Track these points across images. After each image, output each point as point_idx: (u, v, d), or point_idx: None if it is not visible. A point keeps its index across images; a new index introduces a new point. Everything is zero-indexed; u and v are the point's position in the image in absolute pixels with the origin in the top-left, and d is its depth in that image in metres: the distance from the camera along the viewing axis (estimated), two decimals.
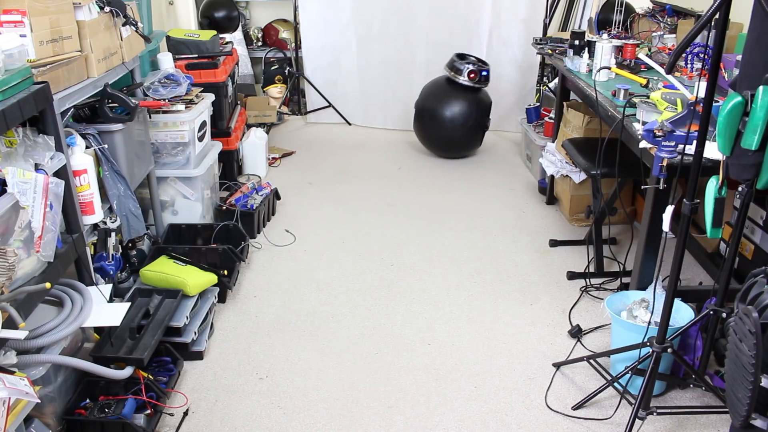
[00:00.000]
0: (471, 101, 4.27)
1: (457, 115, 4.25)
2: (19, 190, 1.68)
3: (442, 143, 4.42)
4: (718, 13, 1.56)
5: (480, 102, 4.33)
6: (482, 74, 4.30)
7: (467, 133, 4.31)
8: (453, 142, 4.37)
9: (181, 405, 2.15)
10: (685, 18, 3.42)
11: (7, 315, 1.54)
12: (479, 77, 4.28)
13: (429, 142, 4.46)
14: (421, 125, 4.41)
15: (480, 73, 4.27)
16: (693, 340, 2.14)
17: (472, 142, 4.41)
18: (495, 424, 2.09)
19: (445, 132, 4.31)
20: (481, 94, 4.37)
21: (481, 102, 4.34)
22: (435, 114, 4.29)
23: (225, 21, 4.62)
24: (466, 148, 4.44)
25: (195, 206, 3.14)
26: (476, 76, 4.26)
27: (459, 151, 4.46)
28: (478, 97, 4.33)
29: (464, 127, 4.27)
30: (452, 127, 4.27)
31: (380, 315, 2.68)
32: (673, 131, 1.93)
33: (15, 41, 1.81)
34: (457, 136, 4.30)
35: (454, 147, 4.41)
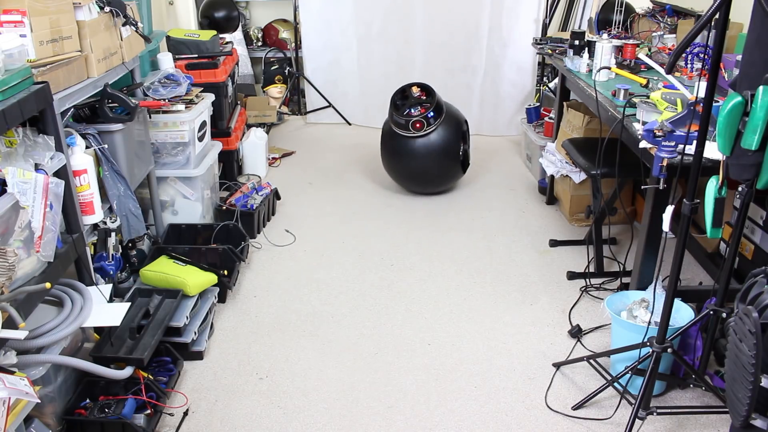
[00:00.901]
0: (432, 141, 3.62)
1: (421, 160, 3.64)
2: (19, 190, 1.68)
3: (414, 180, 3.80)
4: (718, 13, 1.56)
5: (445, 133, 3.65)
6: (430, 116, 3.60)
7: (442, 167, 3.70)
8: (428, 178, 3.76)
9: (181, 405, 2.15)
10: (685, 18, 3.42)
11: (7, 315, 1.54)
12: (428, 121, 3.61)
13: (401, 178, 3.85)
14: (389, 162, 3.81)
15: (428, 118, 3.59)
16: (693, 340, 2.14)
17: (450, 175, 3.78)
18: (495, 424, 2.09)
19: (416, 170, 3.71)
20: (444, 124, 3.66)
21: (448, 131, 3.66)
22: (399, 159, 3.72)
23: (225, 21, 4.62)
24: (444, 182, 3.81)
25: (195, 206, 3.14)
26: (423, 125, 3.59)
27: (437, 186, 3.83)
28: (441, 130, 3.64)
29: (436, 163, 3.66)
30: (423, 165, 3.67)
31: (380, 315, 2.68)
32: (673, 131, 1.93)
33: (15, 41, 1.81)
34: (432, 172, 3.71)
35: (430, 183, 3.80)
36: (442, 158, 3.64)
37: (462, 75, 4.92)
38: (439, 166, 3.65)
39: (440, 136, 3.61)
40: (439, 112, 3.63)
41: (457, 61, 4.89)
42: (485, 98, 4.94)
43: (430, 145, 3.61)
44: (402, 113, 3.68)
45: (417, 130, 3.58)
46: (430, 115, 3.59)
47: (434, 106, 3.61)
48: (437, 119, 3.61)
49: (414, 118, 3.59)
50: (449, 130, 3.65)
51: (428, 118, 3.58)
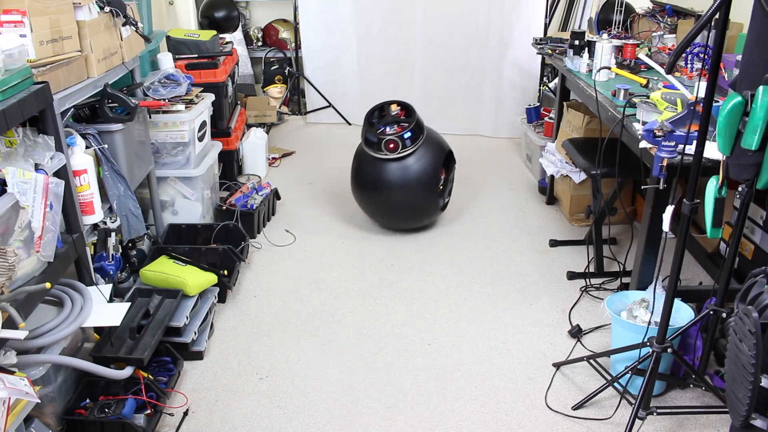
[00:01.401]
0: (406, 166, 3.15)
1: (395, 189, 3.17)
2: (19, 190, 1.68)
3: (384, 211, 3.34)
4: (718, 13, 1.56)
5: (424, 158, 3.17)
6: (407, 138, 3.14)
7: (417, 197, 3.20)
8: (400, 209, 3.27)
9: (181, 405, 2.15)
10: (685, 18, 3.42)
11: (7, 315, 1.54)
12: (404, 143, 3.13)
13: (371, 209, 3.40)
14: (358, 190, 3.36)
15: (403, 138, 3.12)
16: (693, 340, 2.14)
17: (425, 208, 3.28)
18: (495, 424, 2.09)
19: (387, 199, 3.24)
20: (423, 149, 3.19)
21: (426, 157, 3.18)
22: (369, 186, 3.28)
23: (225, 21, 4.62)
24: (418, 216, 3.32)
25: (195, 206, 3.14)
26: (397, 146, 3.11)
27: (410, 221, 3.35)
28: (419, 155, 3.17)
29: (411, 193, 3.18)
30: (395, 195, 3.19)
31: (380, 315, 2.68)
32: (673, 131, 1.93)
33: (15, 41, 1.81)
34: (405, 202, 3.23)
35: (401, 215, 3.31)
36: (417, 188, 3.14)
37: (462, 75, 4.92)
38: (413, 196, 3.17)
39: (417, 161, 3.15)
40: (418, 133, 3.18)
41: (458, 61, 4.89)
42: (485, 98, 4.94)
43: (405, 170, 3.13)
44: (375, 130, 3.25)
45: (390, 151, 3.12)
46: (406, 135, 3.12)
47: (412, 127, 3.16)
48: (415, 141, 3.15)
49: (388, 137, 3.14)
50: (428, 155, 3.19)
51: (404, 139, 3.12)
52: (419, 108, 5.02)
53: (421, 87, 5.04)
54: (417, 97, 5.06)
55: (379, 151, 3.14)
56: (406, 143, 3.12)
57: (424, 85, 5.02)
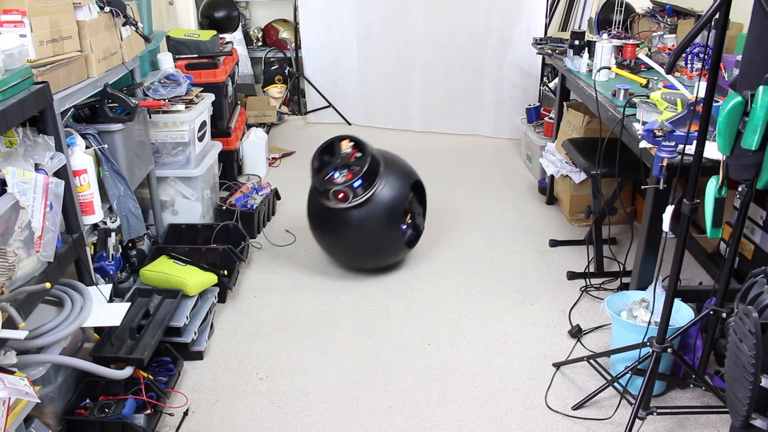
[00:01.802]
0: (360, 215, 2.77)
1: (349, 237, 2.84)
2: (19, 190, 1.68)
3: (343, 255, 3.03)
4: (718, 13, 1.56)
5: (381, 205, 2.77)
6: (357, 186, 2.72)
7: (377, 243, 2.86)
8: (359, 256, 2.96)
9: (181, 405, 2.15)
10: (685, 18, 3.42)
11: (7, 315, 1.54)
12: (353, 193, 2.72)
13: (330, 249, 3.04)
14: (315, 230, 2.99)
15: (353, 187, 2.71)
16: (693, 340, 2.14)
17: (388, 252, 2.93)
18: (495, 424, 2.09)
19: (342, 245, 2.92)
20: (380, 195, 2.77)
21: (384, 203, 2.77)
22: (323, 230, 2.93)
23: (225, 21, 4.62)
24: (381, 259, 2.97)
25: (195, 206, 3.14)
26: (347, 196, 2.71)
27: (379, 261, 2.98)
28: (375, 202, 2.76)
29: (368, 240, 2.83)
30: (350, 242, 2.87)
31: (380, 315, 2.68)
32: (673, 131, 1.93)
33: (15, 41, 1.81)
34: (362, 250, 2.90)
35: (361, 259, 2.98)
36: (376, 231, 2.80)
37: (462, 75, 4.92)
38: (372, 239, 2.83)
39: (373, 206, 2.75)
40: (371, 178, 2.75)
41: (458, 61, 4.89)
42: (485, 98, 4.94)
43: (360, 217, 2.77)
44: (323, 177, 2.82)
45: (340, 201, 2.74)
46: (356, 184, 2.71)
47: (363, 172, 2.73)
48: (368, 189, 2.74)
49: (335, 186, 2.73)
50: (388, 195, 2.78)
51: (354, 188, 2.71)
52: (419, 108, 5.09)
53: (421, 87, 5.03)
54: (417, 97, 5.07)
55: (328, 200, 2.76)
56: (357, 192, 2.72)
57: (424, 85, 5.02)
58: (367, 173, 2.75)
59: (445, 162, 4.44)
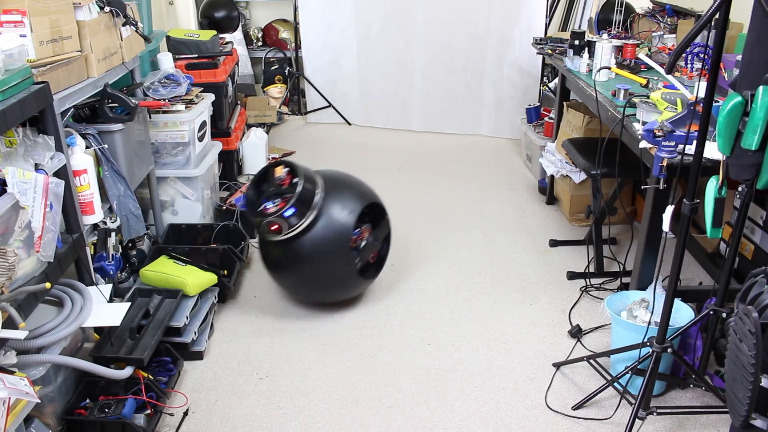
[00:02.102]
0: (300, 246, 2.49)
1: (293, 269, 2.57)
2: (19, 190, 1.68)
3: (303, 291, 2.74)
4: (718, 13, 1.56)
5: (323, 233, 2.49)
6: (289, 215, 2.43)
7: (330, 270, 2.57)
8: (318, 288, 2.67)
9: (181, 405, 2.15)
10: (685, 18, 3.42)
11: (7, 315, 1.54)
12: (287, 223, 2.44)
13: (290, 289, 2.79)
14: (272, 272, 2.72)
15: (284, 217, 2.42)
16: (693, 340, 2.14)
17: (343, 285, 2.66)
18: (495, 424, 2.09)
19: (289, 277, 2.66)
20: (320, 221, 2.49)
21: (326, 230, 2.50)
22: (277, 265, 2.65)
23: (225, 21, 4.62)
24: (343, 290, 2.69)
25: (195, 206, 3.14)
26: (281, 227, 2.44)
27: (336, 295, 2.71)
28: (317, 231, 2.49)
29: (321, 267, 2.54)
30: (295, 275, 2.61)
31: (380, 315, 2.68)
32: (673, 131, 1.93)
33: (15, 41, 1.81)
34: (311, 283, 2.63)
35: (325, 293, 2.70)
36: (322, 267, 2.53)
37: (462, 75, 4.92)
38: (320, 276, 2.57)
39: (313, 238, 2.47)
40: (305, 206, 2.45)
41: (458, 61, 4.89)
42: (486, 98, 4.94)
43: (301, 250, 2.49)
44: (256, 207, 2.53)
45: (274, 234, 2.46)
46: (287, 213, 2.41)
47: (295, 201, 2.41)
48: (304, 215, 2.44)
49: (267, 217, 2.43)
50: (330, 228, 2.50)
51: (286, 218, 2.42)
52: (419, 108, 5.09)
53: (421, 87, 5.03)
54: (417, 97, 5.06)
55: (264, 234, 2.52)
56: (291, 221, 2.43)
57: (424, 85, 5.02)
58: (300, 200, 2.43)
59: (445, 162, 4.44)
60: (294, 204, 2.42)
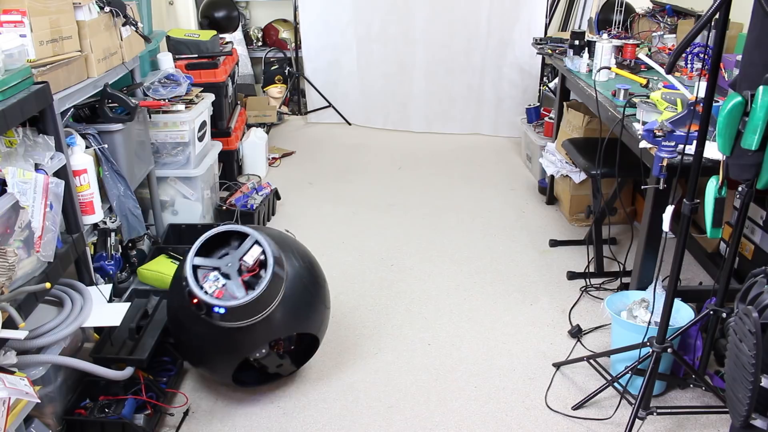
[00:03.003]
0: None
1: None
2: (19, 190, 1.68)
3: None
4: (718, 13, 1.56)
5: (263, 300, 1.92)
6: (218, 311, 1.85)
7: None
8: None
9: (181, 405, 2.15)
10: (685, 18, 3.42)
11: (7, 315, 1.54)
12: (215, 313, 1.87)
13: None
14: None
15: (212, 311, 1.86)
16: (693, 340, 2.14)
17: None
18: (495, 424, 2.09)
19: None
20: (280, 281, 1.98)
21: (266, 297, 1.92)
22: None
23: (225, 21, 4.62)
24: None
25: (195, 206, 3.14)
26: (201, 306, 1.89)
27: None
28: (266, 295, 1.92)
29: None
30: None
31: (380, 315, 2.68)
32: (673, 131, 1.93)
33: (15, 41, 1.81)
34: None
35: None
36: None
37: (462, 75, 4.92)
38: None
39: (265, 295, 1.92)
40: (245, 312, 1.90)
41: (458, 61, 4.89)
42: (486, 98, 4.94)
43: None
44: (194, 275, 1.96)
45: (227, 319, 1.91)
46: (217, 310, 1.87)
47: (221, 308, 1.87)
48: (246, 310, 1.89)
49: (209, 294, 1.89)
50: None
51: (218, 312, 1.87)
52: (419, 108, 5.09)
53: (421, 87, 5.03)
54: (417, 97, 5.06)
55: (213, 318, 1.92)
56: (212, 315, 1.90)
57: (425, 85, 5.02)
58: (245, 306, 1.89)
59: (444, 162, 4.44)
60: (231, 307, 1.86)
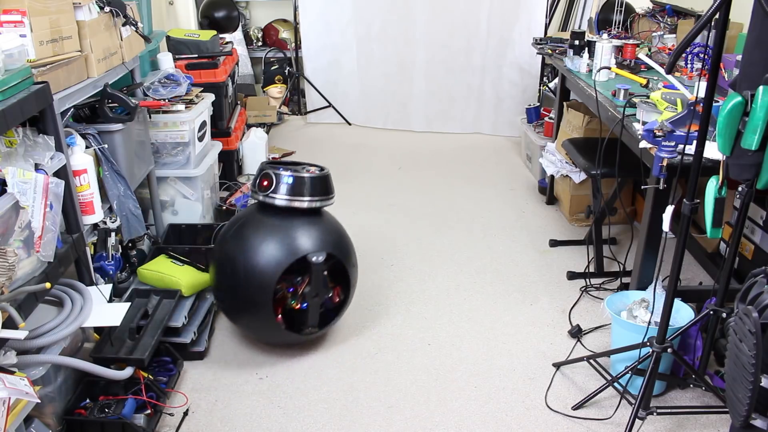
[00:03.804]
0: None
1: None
2: (19, 190, 1.67)
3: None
4: (718, 13, 1.56)
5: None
6: (287, 181, 2.29)
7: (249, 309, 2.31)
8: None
9: (181, 405, 2.15)
10: (685, 18, 3.42)
11: (7, 315, 1.54)
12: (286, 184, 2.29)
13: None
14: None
15: (281, 181, 2.28)
16: (693, 340, 2.14)
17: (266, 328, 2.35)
18: (495, 424, 2.09)
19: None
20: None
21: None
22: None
23: (225, 21, 4.62)
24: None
25: (195, 206, 3.14)
26: (270, 184, 2.28)
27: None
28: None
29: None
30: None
31: (380, 315, 2.68)
32: (673, 131, 1.93)
33: (15, 41, 1.80)
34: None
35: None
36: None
37: (462, 74, 4.93)
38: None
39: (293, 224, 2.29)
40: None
41: (458, 60, 4.89)
42: (486, 97, 4.94)
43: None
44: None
45: (264, 189, 2.29)
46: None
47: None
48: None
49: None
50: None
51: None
52: (419, 108, 5.09)
53: (421, 86, 5.04)
54: (417, 96, 5.07)
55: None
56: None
57: (425, 85, 5.02)
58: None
59: (445, 162, 4.45)
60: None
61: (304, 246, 2.25)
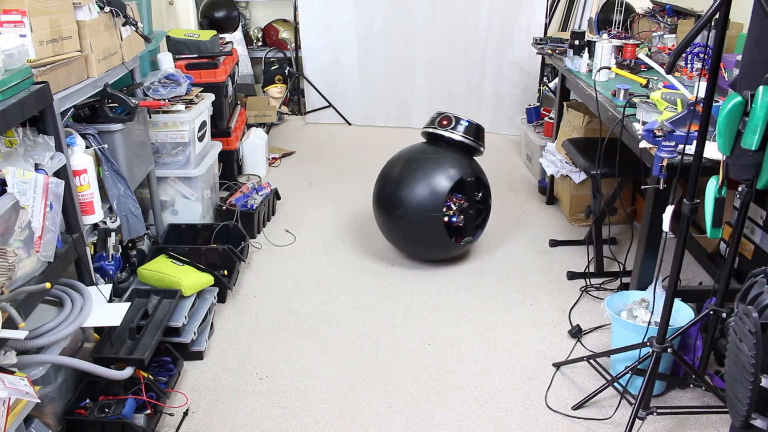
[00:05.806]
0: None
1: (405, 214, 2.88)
2: (19, 190, 1.68)
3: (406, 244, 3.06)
4: (718, 13, 1.56)
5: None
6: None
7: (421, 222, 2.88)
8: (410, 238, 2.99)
9: (181, 405, 2.15)
10: (685, 18, 3.42)
11: (7, 315, 1.54)
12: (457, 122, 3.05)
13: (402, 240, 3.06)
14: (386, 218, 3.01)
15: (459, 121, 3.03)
16: (693, 340, 2.14)
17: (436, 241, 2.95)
18: (495, 424, 2.09)
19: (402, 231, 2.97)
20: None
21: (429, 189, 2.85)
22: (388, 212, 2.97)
23: (225, 21, 4.62)
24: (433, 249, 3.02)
25: (195, 206, 3.14)
26: (450, 122, 3.03)
27: (427, 252, 3.06)
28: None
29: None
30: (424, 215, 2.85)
31: (380, 315, 2.68)
32: (673, 131, 1.93)
33: (15, 41, 1.81)
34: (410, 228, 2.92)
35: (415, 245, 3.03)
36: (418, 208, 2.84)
37: (462, 74, 4.93)
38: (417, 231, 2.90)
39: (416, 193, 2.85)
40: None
41: (458, 60, 4.89)
42: (486, 97, 4.94)
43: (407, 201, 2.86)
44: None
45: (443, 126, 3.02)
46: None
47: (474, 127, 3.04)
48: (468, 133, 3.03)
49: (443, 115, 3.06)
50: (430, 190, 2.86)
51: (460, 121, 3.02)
52: (419, 107, 5.09)
53: (421, 86, 5.04)
54: (417, 95, 5.07)
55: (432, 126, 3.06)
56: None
57: (425, 84, 5.02)
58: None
59: None
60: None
61: (464, 171, 2.93)
